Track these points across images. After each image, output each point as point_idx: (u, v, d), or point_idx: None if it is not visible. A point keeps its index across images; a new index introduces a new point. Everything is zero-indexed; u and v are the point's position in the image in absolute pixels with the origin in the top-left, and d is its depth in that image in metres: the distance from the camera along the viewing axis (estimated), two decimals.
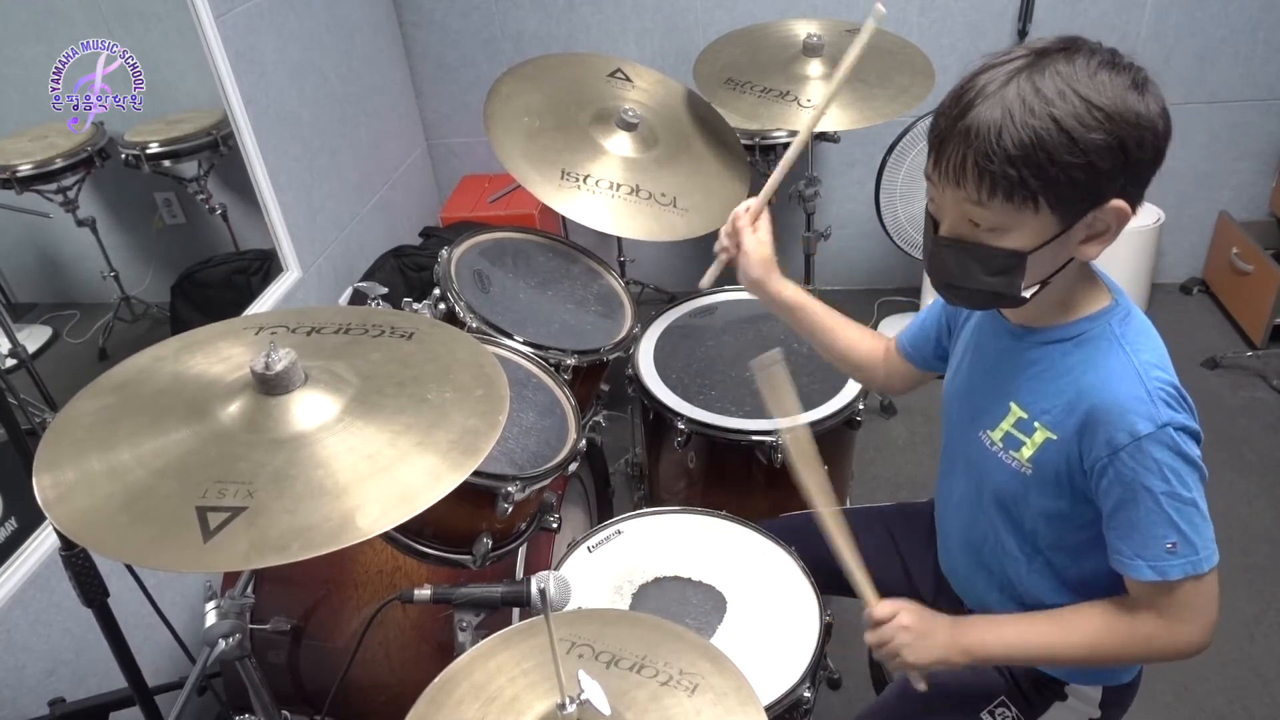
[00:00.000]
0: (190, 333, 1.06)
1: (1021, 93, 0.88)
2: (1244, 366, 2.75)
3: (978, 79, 0.91)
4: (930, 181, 0.98)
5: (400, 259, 2.65)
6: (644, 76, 2.06)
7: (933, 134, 0.95)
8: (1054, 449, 1.03)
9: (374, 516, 0.82)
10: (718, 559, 1.40)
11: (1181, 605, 0.98)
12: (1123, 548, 0.99)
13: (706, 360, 1.83)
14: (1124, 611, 1.03)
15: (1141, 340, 1.00)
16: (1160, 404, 0.95)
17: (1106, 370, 0.99)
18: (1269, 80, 2.79)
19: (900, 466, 2.52)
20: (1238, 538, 2.15)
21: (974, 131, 0.89)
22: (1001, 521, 1.14)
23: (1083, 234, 0.95)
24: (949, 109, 0.93)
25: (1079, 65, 0.89)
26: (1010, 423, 1.08)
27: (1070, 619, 1.07)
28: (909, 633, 1.09)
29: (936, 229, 0.99)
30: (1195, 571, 0.96)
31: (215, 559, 0.78)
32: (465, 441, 0.91)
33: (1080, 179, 0.89)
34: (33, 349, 1.61)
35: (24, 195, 1.63)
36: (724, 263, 1.36)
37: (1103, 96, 0.87)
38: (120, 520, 0.81)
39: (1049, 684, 1.19)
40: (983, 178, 0.90)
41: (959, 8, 2.80)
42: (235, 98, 2.04)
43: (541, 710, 0.90)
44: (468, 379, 1.01)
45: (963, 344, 1.24)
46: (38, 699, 1.43)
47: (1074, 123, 0.87)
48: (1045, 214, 0.92)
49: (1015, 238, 0.94)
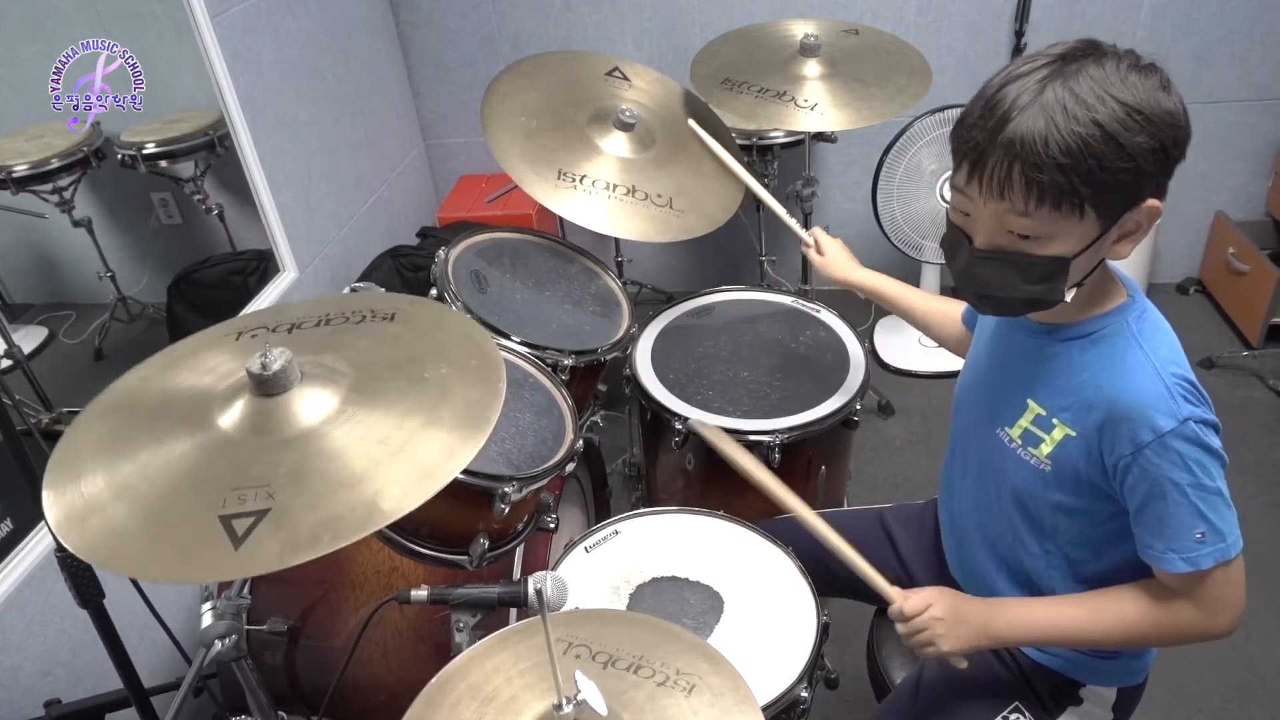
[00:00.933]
0: (170, 349, 1.06)
1: (1061, 99, 0.87)
2: (1240, 366, 2.75)
3: (1007, 90, 0.90)
4: (964, 195, 0.96)
5: (397, 259, 2.64)
6: (641, 75, 2.06)
7: (966, 147, 0.94)
8: (1073, 445, 1.03)
9: (398, 498, 0.82)
10: (715, 559, 1.40)
11: (1213, 592, 1.00)
12: (1153, 542, 1.00)
13: (704, 360, 1.83)
14: (1158, 598, 1.04)
15: (1158, 337, 1.01)
16: (1180, 399, 0.96)
17: (1125, 367, 0.99)
18: (1265, 80, 2.80)
19: (898, 467, 2.52)
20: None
21: (1019, 142, 0.88)
22: (1020, 518, 1.14)
23: (1116, 234, 0.95)
24: (982, 120, 0.91)
25: (1109, 68, 0.89)
26: (1029, 419, 1.08)
27: (1105, 602, 1.07)
28: (943, 623, 1.10)
29: (969, 241, 0.98)
30: (1224, 558, 0.98)
31: (250, 564, 0.78)
32: (471, 413, 0.92)
33: (1126, 181, 0.89)
34: (28, 349, 1.60)
35: (19, 195, 1.63)
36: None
37: (1137, 98, 0.88)
38: (144, 541, 0.80)
39: (1065, 689, 1.19)
40: (1030, 187, 0.89)
41: (956, 8, 2.80)
42: (232, 98, 2.04)
43: (538, 711, 0.90)
44: (459, 352, 1.01)
45: (980, 339, 1.24)
46: (33, 700, 1.43)
47: (1118, 127, 0.87)
48: (1090, 218, 0.92)
49: (1059, 244, 0.94)
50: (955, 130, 0.96)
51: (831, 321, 1.93)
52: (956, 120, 0.97)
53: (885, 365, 2.90)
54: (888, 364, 2.90)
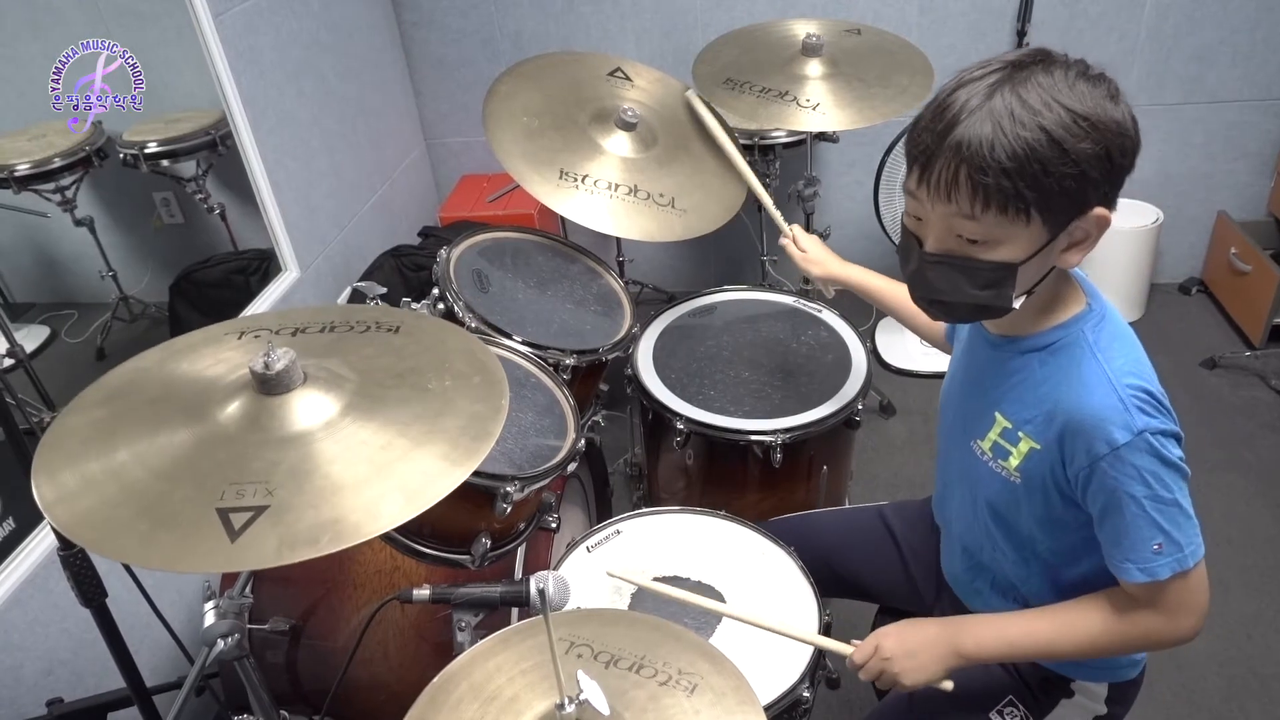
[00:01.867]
0: (171, 342, 1.06)
1: (1008, 104, 0.88)
2: (1243, 366, 2.75)
3: (957, 94, 0.91)
4: (914, 197, 0.97)
5: (399, 259, 2.64)
6: (643, 75, 2.06)
7: (916, 149, 0.95)
8: (1038, 458, 1.04)
9: (400, 504, 0.83)
10: (717, 559, 1.40)
11: (1173, 600, 1.00)
12: (1112, 552, 1.01)
13: (705, 360, 1.83)
14: (1121, 607, 1.04)
15: (1115, 346, 1.01)
16: (1135, 411, 0.95)
17: (1079, 380, 0.99)
18: (1267, 80, 2.79)
19: (899, 466, 2.52)
20: (1236, 537, 2.15)
21: (965, 145, 0.89)
22: (997, 528, 1.14)
23: (1065, 243, 0.96)
24: (932, 124, 0.93)
25: (1057, 76, 0.89)
26: (997, 433, 1.09)
27: (1070, 616, 1.07)
28: (893, 661, 1.09)
29: (920, 245, 0.99)
30: (1182, 568, 0.97)
31: (246, 557, 0.78)
32: (474, 426, 0.93)
33: (1071, 187, 0.89)
34: (31, 349, 1.60)
35: (21, 195, 1.63)
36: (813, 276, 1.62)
37: (1085, 106, 0.88)
38: (140, 528, 0.80)
39: (1056, 682, 1.19)
40: (976, 191, 0.90)
41: (958, 8, 2.80)
42: (234, 97, 2.04)
43: (540, 710, 0.90)
44: (464, 366, 1.02)
45: (957, 349, 1.25)
46: (35, 699, 1.43)
47: (1064, 133, 0.87)
48: (1036, 224, 0.92)
49: (1006, 250, 0.94)
50: (909, 134, 0.97)
51: (833, 321, 1.93)
52: (909, 124, 0.98)
53: (887, 365, 2.90)
54: (889, 364, 2.90)
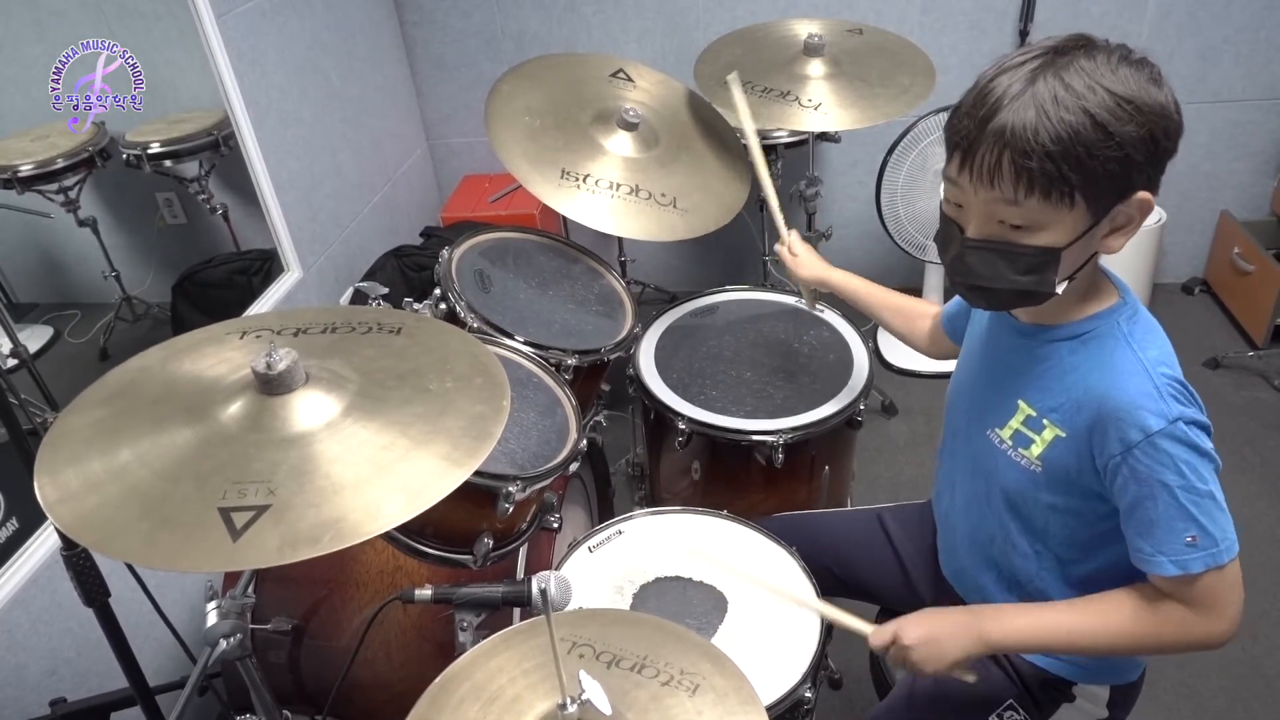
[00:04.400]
0: (172, 341, 1.06)
1: (1051, 89, 0.88)
2: (1245, 366, 2.75)
3: (998, 81, 0.91)
4: (954, 184, 0.97)
5: (401, 259, 2.65)
6: (646, 76, 2.06)
7: (957, 135, 0.95)
8: (1064, 446, 1.03)
9: (401, 504, 0.83)
10: (718, 558, 1.39)
11: (1205, 597, 0.98)
12: (1143, 545, 0.99)
13: (707, 360, 1.83)
14: (1151, 602, 1.02)
15: (1148, 338, 1.01)
16: (1169, 399, 0.95)
17: (1114, 368, 0.99)
18: (1271, 80, 2.79)
19: (901, 466, 2.52)
20: (1240, 538, 2.14)
21: (1008, 130, 0.89)
22: (1011, 519, 1.14)
23: (1107, 228, 0.96)
24: (973, 110, 0.92)
25: (1100, 61, 0.90)
26: (1019, 420, 1.08)
27: (1100, 606, 1.05)
28: (916, 649, 1.09)
29: (960, 231, 0.99)
30: (1216, 563, 0.96)
31: (248, 557, 0.78)
32: (476, 427, 0.93)
33: (1115, 170, 0.90)
34: (34, 349, 1.61)
35: (25, 195, 1.63)
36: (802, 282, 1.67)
37: (1128, 89, 0.88)
38: (142, 528, 0.80)
39: (1057, 685, 1.18)
40: (1020, 176, 0.90)
41: (961, 7, 2.79)
42: (236, 97, 2.04)
43: (542, 710, 0.90)
44: (465, 368, 1.02)
45: (971, 341, 1.24)
46: (39, 698, 1.43)
47: (1108, 115, 0.88)
48: (1080, 209, 0.92)
49: (1049, 235, 0.94)
50: (948, 121, 0.97)
51: (835, 321, 1.93)
52: (950, 111, 0.98)
53: (888, 365, 2.90)
54: (891, 364, 2.90)
